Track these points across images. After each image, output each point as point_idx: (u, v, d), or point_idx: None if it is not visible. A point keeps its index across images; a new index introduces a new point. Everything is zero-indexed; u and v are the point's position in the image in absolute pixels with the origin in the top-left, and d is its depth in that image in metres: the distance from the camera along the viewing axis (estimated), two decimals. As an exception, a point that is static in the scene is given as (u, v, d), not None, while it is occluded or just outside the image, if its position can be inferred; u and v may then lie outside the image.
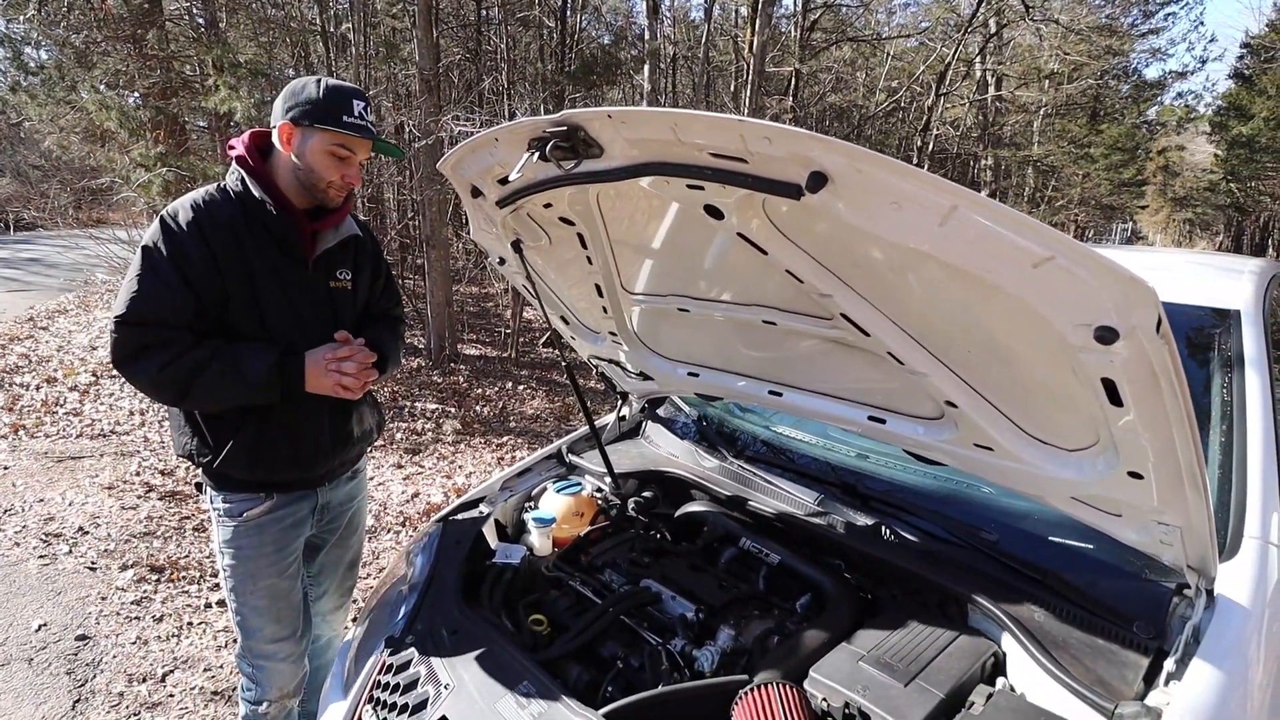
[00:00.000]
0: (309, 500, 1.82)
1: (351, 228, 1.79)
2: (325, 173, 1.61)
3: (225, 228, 1.57)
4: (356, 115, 1.59)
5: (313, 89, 1.59)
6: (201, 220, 1.56)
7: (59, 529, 3.62)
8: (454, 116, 5.95)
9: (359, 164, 1.67)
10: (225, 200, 1.61)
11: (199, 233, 1.54)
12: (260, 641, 1.79)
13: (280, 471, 1.72)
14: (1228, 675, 1.17)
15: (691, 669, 1.43)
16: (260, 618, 1.77)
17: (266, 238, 1.63)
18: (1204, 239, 32.89)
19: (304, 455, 1.74)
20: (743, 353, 1.76)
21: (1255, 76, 19.63)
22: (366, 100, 1.64)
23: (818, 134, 0.86)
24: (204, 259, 1.54)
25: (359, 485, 2.02)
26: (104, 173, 5.92)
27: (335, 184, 1.63)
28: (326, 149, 1.59)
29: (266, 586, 1.75)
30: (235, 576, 1.74)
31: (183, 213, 1.56)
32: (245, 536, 1.72)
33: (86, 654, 2.73)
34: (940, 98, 13.92)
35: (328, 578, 2.03)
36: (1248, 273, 2.26)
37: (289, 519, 1.77)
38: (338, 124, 1.56)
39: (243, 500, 1.71)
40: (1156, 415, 0.96)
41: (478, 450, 5.22)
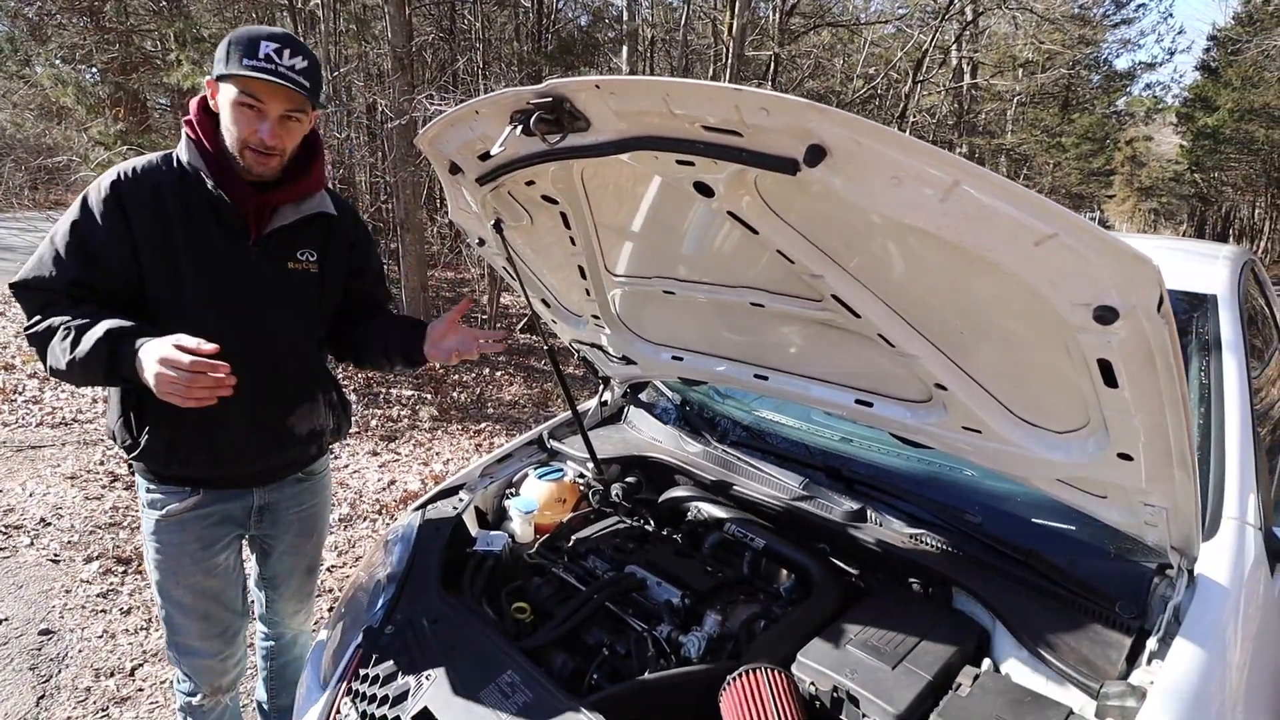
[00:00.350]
0: (242, 500, 1.68)
1: (322, 204, 1.62)
2: (235, 127, 1.42)
3: (149, 195, 1.45)
4: (262, 58, 1.36)
5: (229, 37, 1.42)
6: (122, 188, 1.44)
7: (19, 520, 3.50)
8: (428, 96, 5.81)
9: (282, 121, 1.43)
10: (162, 167, 1.48)
11: (116, 201, 1.43)
12: (187, 638, 1.69)
13: (198, 468, 1.58)
14: (1209, 654, 1.18)
15: (678, 655, 1.42)
16: (185, 616, 1.66)
17: (203, 209, 1.48)
18: (1168, 228, 33.66)
19: (224, 453, 1.59)
20: (728, 336, 1.74)
21: (1221, 69, 20.04)
22: (292, 43, 1.40)
23: (817, 104, 0.83)
24: (113, 229, 1.43)
25: (312, 489, 1.84)
26: (61, 151, 5.69)
27: (249, 142, 1.43)
28: (233, 100, 1.41)
29: (191, 585, 1.64)
30: (159, 571, 1.63)
31: (106, 180, 1.46)
32: (168, 532, 1.61)
33: (51, 648, 2.65)
34: (917, 85, 13.97)
35: (284, 584, 1.89)
36: (1222, 258, 2.29)
37: (214, 517, 1.64)
38: (238, 68, 1.36)
39: (167, 493, 1.60)
40: (1150, 396, 0.95)
41: (455, 437, 5.15)
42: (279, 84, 1.38)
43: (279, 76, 1.37)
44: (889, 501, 1.70)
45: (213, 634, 1.70)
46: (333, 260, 1.69)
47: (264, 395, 1.58)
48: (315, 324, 1.71)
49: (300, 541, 1.85)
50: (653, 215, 1.44)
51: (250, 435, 1.61)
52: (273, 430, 1.65)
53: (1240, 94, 18.65)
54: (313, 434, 1.73)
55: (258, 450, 1.64)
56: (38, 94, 5.86)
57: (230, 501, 1.66)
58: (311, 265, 1.64)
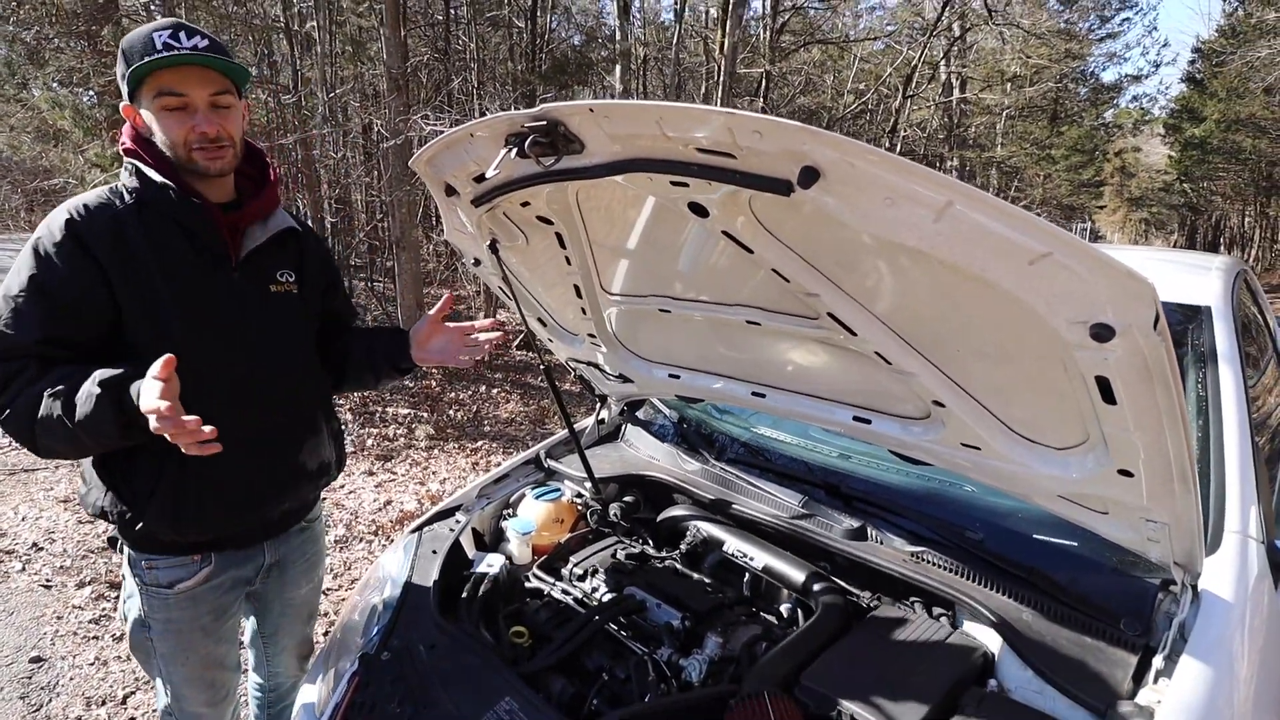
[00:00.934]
0: (255, 560, 1.57)
1: (285, 220, 1.53)
2: (170, 135, 1.30)
3: (108, 232, 1.29)
4: (160, 48, 1.24)
5: (119, 52, 1.30)
6: (79, 228, 1.27)
7: (11, 545, 3.46)
8: (423, 116, 5.84)
9: (212, 107, 1.31)
10: (117, 199, 1.33)
11: (76, 243, 1.26)
12: (193, 706, 1.58)
13: (212, 527, 1.43)
14: (1215, 671, 1.17)
15: (679, 679, 1.40)
16: (192, 687, 1.55)
17: (173, 235, 1.34)
18: (1159, 238, 33.94)
19: (236, 501, 1.44)
20: (724, 353, 1.73)
21: (1206, 80, 20.31)
22: (184, 27, 1.29)
23: (810, 127, 0.83)
24: (82, 273, 1.26)
25: (314, 535, 1.75)
26: (58, 174, 5.70)
27: (190, 143, 1.30)
28: (155, 108, 1.29)
29: (202, 656, 1.53)
30: (164, 646, 1.48)
31: (56, 222, 1.27)
32: (179, 609, 1.45)
33: (41, 676, 2.61)
34: (907, 100, 14.13)
35: (284, 636, 1.79)
36: (1215, 269, 2.30)
37: (227, 583, 1.51)
38: (144, 69, 1.25)
39: (173, 567, 1.43)
40: (1149, 412, 0.95)
41: (452, 456, 5.13)
42: (189, 64, 1.26)
43: (184, 59, 1.26)
44: (889, 519, 1.69)
45: (218, 699, 1.62)
46: (310, 278, 1.60)
47: (270, 431, 1.48)
48: (308, 348, 1.61)
49: (300, 593, 1.76)
50: (647, 235, 1.44)
51: (262, 475, 1.48)
52: (284, 468, 1.53)
53: (1226, 105, 18.90)
54: (321, 468, 1.62)
55: (272, 492, 1.51)
56: (35, 117, 5.87)
57: (242, 565, 1.55)
58: (292, 286, 1.54)
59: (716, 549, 1.80)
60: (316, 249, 1.65)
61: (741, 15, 8.65)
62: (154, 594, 1.44)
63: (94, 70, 5.56)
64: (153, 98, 1.29)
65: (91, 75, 5.70)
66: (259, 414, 1.44)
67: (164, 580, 1.43)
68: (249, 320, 1.44)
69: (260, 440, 1.45)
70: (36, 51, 5.82)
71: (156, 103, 1.29)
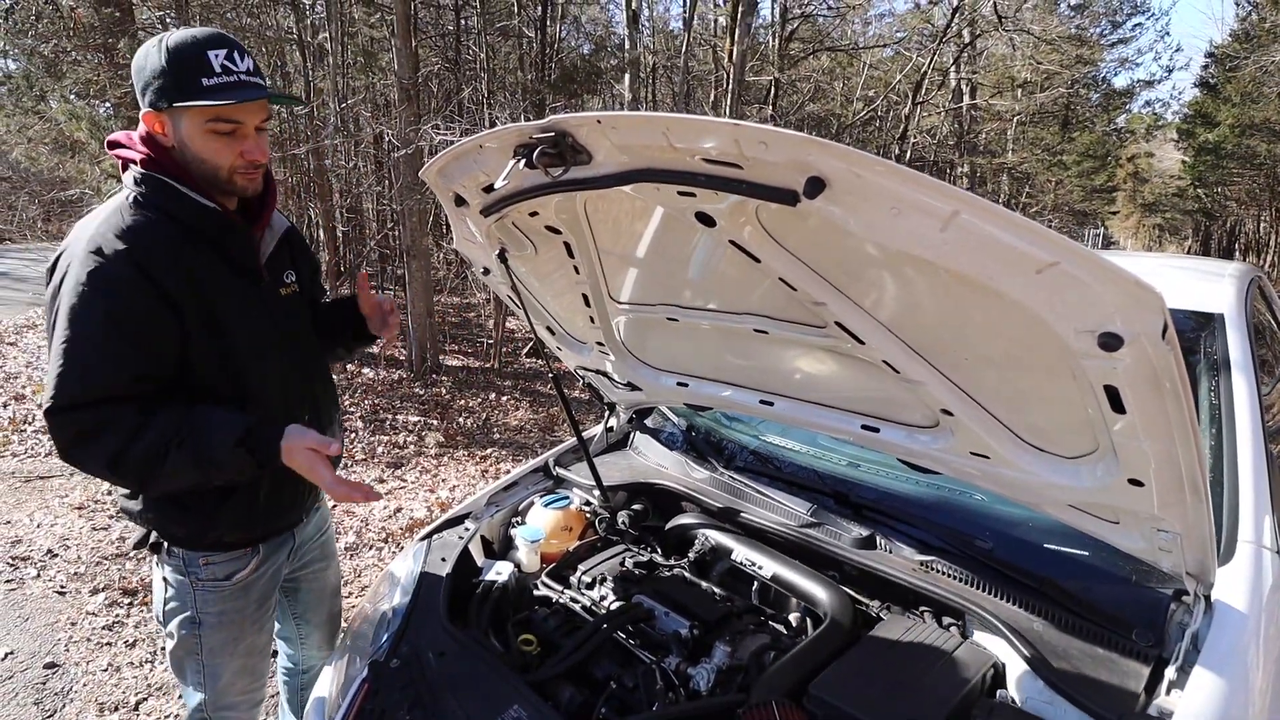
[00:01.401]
0: (287, 544, 1.66)
1: (282, 223, 1.55)
2: (218, 159, 1.28)
3: (168, 253, 1.26)
4: (219, 71, 1.22)
5: (155, 58, 1.23)
6: (136, 252, 1.22)
7: (26, 552, 3.50)
8: (434, 126, 5.90)
9: (258, 130, 1.32)
10: (156, 218, 1.28)
11: (136, 269, 1.22)
12: (233, 697, 1.62)
13: (274, 521, 1.56)
14: (1229, 683, 1.16)
15: (687, 688, 1.40)
16: (237, 676, 1.61)
17: (211, 256, 1.33)
18: (1173, 243, 33.65)
19: (292, 500, 1.58)
20: (732, 362, 1.74)
21: (1220, 85, 20.15)
22: (233, 45, 1.26)
23: (815, 138, 0.84)
24: (148, 301, 1.23)
25: (324, 514, 1.86)
26: (74, 184, 5.79)
27: (236, 168, 1.30)
28: (203, 130, 1.26)
29: (248, 645, 1.59)
30: (214, 639, 1.53)
31: (108, 246, 1.21)
32: (233, 599, 1.52)
33: (55, 682, 2.63)
34: (916, 106, 14.11)
35: (313, 613, 1.86)
36: (1228, 276, 2.28)
37: (270, 570, 1.60)
38: (199, 93, 1.21)
39: (229, 560, 1.49)
40: (1159, 422, 0.95)
41: (461, 463, 5.15)
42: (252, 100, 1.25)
43: (244, 93, 1.24)
44: (898, 527, 1.68)
45: (255, 687, 1.68)
46: (302, 275, 1.63)
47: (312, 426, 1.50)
48: (316, 343, 1.69)
49: (323, 567, 1.85)
50: (655, 244, 1.45)
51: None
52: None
53: (1240, 110, 18.74)
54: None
55: (309, 486, 1.60)
56: (52, 129, 5.97)
57: (280, 551, 1.62)
58: (294, 287, 1.59)
59: (725, 557, 1.79)
60: (299, 241, 1.68)
61: (750, 23, 8.68)
62: (210, 588, 1.49)
63: (110, 83, 5.65)
64: (205, 120, 1.26)
65: (108, 87, 5.79)
66: (300, 414, 1.51)
67: (221, 574, 1.49)
68: (279, 327, 1.50)
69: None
70: (54, 64, 5.92)
71: (207, 125, 1.26)
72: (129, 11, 6.06)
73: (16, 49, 6.37)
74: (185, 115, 1.26)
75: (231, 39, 1.28)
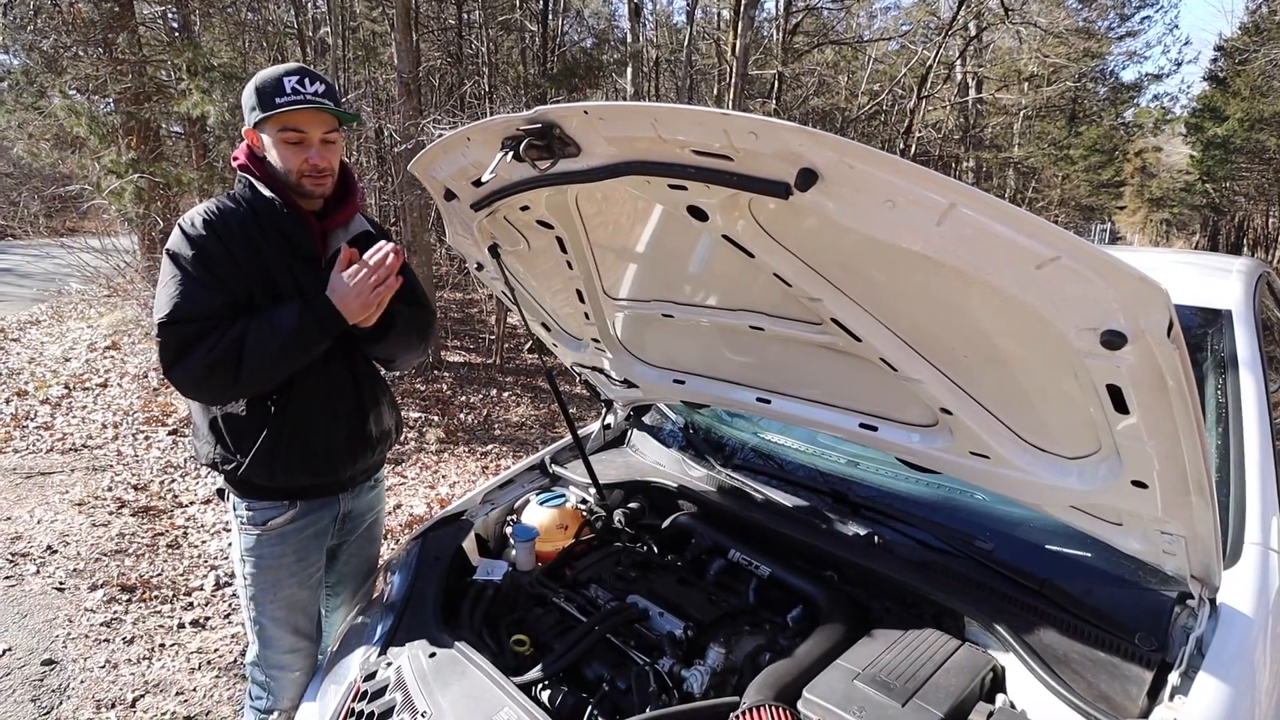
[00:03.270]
0: (331, 508, 1.77)
1: (362, 224, 1.75)
2: (287, 162, 1.57)
3: (238, 231, 1.57)
4: (289, 92, 1.52)
5: (250, 88, 1.56)
6: (215, 224, 1.55)
7: (26, 548, 3.49)
8: (434, 120, 5.87)
9: (323, 143, 1.59)
10: (235, 206, 1.60)
11: (214, 234, 1.55)
12: (277, 652, 1.75)
13: (300, 476, 1.67)
14: (1234, 688, 1.13)
15: (680, 690, 1.37)
16: (279, 628, 1.73)
17: (279, 240, 1.61)
18: (1180, 238, 33.42)
19: (321, 460, 1.69)
20: (729, 359, 1.71)
21: (1229, 78, 19.96)
22: (308, 74, 1.56)
23: (806, 127, 0.80)
24: (225, 258, 1.54)
25: (379, 494, 1.97)
26: (75, 180, 5.78)
27: (303, 171, 1.57)
28: (277, 139, 1.56)
29: (286, 597, 1.72)
30: (256, 585, 1.70)
31: (197, 218, 1.56)
32: (268, 545, 1.68)
33: (53, 679, 2.62)
34: (922, 100, 14.00)
35: (344, 588, 1.96)
36: (1236, 272, 2.24)
37: (311, 528, 1.73)
38: (273, 107, 1.52)
39: (266, 508, 1.68)
40: (1164, 423, 0.92)
41: (462, 459, 5.13)
42: (311, 110, 1.52)
43: (309, 103, 1.51)
44: (898, 527, 1.65)
45: (300, 647, 1.78)
46: None
47: (351, 404, 1.72)
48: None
49: (366, 544, 1.95)
50: (649, 239, 1.42)
51: (340, 441, 1.72)
52: (359, 435, 1.76)
53: (1249, 103, 18.56)
54: (384, 434, 1.85)
55: (349, 455, 1.74)
56: (53, 124, 5.96)
57: (322, 510, 1.75)
58: None
59: (722, 556, 1.77)
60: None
61: (753, 16, 8.62)
62: (249, 533, 1.69)
63: (111, 78, 5.64)
64: (278, 130, 1.55)
65: (108, 83, 5.78)
66: (339, 389, 1.69)
67: (260, 520, 1.68)
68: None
69: (338, 411, 1.70)
70: (54, 59, 5.91)
71: (280, 135, 1.55)
72: (128, 6, 6.04)
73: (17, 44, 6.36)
74: (266, 128, 1.56)
75: (308, 69, 1.57)
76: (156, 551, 3.56)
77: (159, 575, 3.33)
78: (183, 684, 2.63)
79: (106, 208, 5.43)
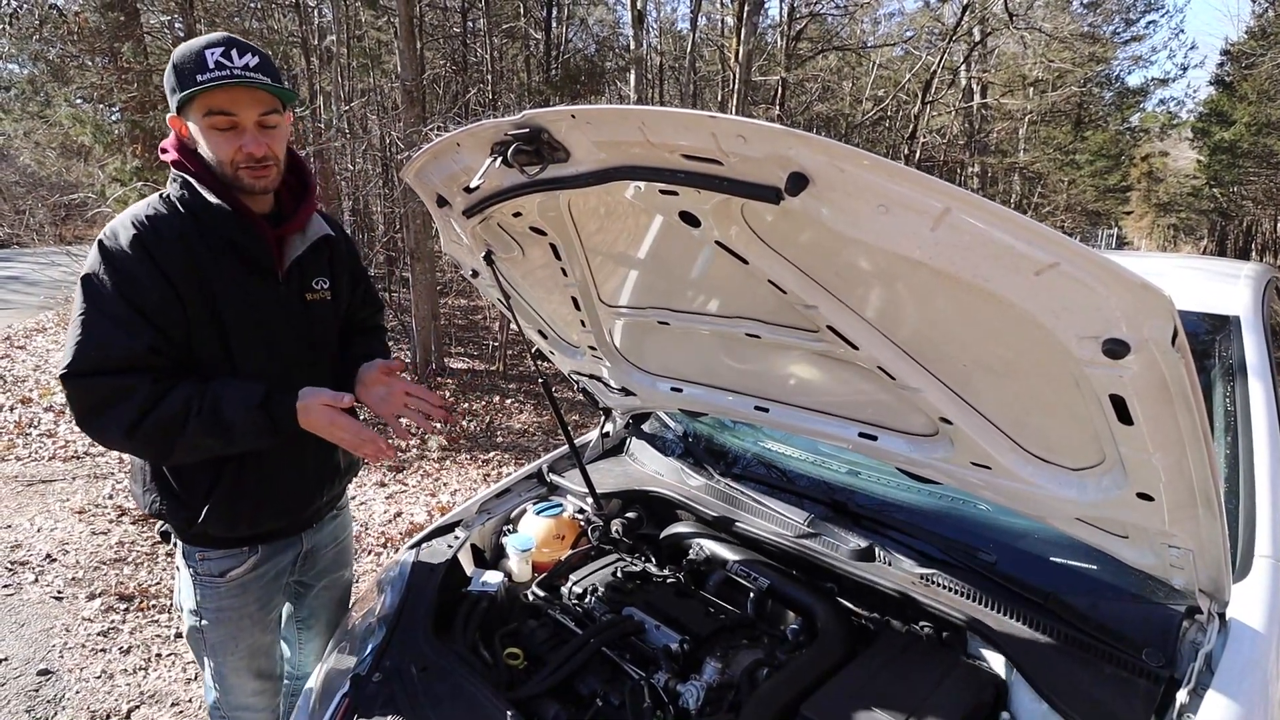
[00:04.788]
0: (294, 547, 1.65)
1: (322, 227, 1.54)
2: (218, 153, 1.31)
3: (175, 243, 1.32)
4: (212, 66, 1.24)
5: (170, 63, 1.30)
6: (145, 239, 1.29)
7: (25, 557, 3.48)
8: (437, 127, 5.87)
9: (259, 127, 1.32)
10: (171, 212, 1.34)
11: (144, 253, 1.29)
12: (241, 696, 1.65)
13: (265, 522, 1.52)
14: (1245, 706, 1.09)
15: (676, 705, 1.34)
16: (241, 676, 1.62)
17: (226, 250, 1.37)
18: (1188, 243, 33.23)
19: (289, 500, 1.55)
20: (727, 366, 1.68)
21: (1236, 83, 19.87)
22: (236, 44, 1.29)
23: (796, 130, 0.78)
24: (156, 283, 1.29)
25: (343, 522, 1.84)
26: (80, 188, 5.80)
27: (237, 162, 1.32)
28: (203, 125, 1.30)
29: (249, 645, 1.60)
30: (216, 636, 1.56)
31: (123, 233, 1.29)
32: (228, 597, 1.53)
33: (48, 689, 2.61)
34: (926, 106, 13.98)
35: (317, 621, 1.84)
36: (1244, 277, 2.21)
37: (271, 572, 1.60)
38: (193, 84, 1.24)
39: (224, 557, 1.51)
40: (1169, 433, 0.88)
41: (464, 467, 5.11)
42: (241, 86, 1.26)
43: (237, 79, 1.25)
44: (898, 538, 1.62)
45: (265, 689, 1.68)
46: (340, 284, 1.63)
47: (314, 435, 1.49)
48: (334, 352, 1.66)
49: (336, 576, 1.83)
50: (643, 245, 1.40)
51: (306, 474, 1.57)
52: (326, 466, 1.63)
53: (1256, 108, 18.46)
54: (351, 465, 1.74)
55: (315, 489, 1.62)
56: (59, 133, 5.99)
57: (284, 554, 1.62)
58: (326, 294, 1.58)
59: (720, 568, 1.74)
60: (347, 251, 1.68)
61: (756, 23, 8.63)
62: (207, 584, 1.52)
63: (116, 86, 5.67)
64: (202, 115, 1.30)
65: (115, 91, 5.81)
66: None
67: (216, 570, 1.51)
68: (292, 329, 1.50)
69: (307, 443, 1.45)
70: (60, 69, 5.94)
71: (206, 120, 1.30)
72: (134, 15, 6.08)
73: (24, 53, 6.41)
74: (190, 112, 1.30)
75: (235, 39, 1.30)
76: (155, 560, 3.55)
77: (157, 584, 3.31)
78: (178, 695, 2.61)
79: (111, 215, 5.46)
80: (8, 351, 7.47)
